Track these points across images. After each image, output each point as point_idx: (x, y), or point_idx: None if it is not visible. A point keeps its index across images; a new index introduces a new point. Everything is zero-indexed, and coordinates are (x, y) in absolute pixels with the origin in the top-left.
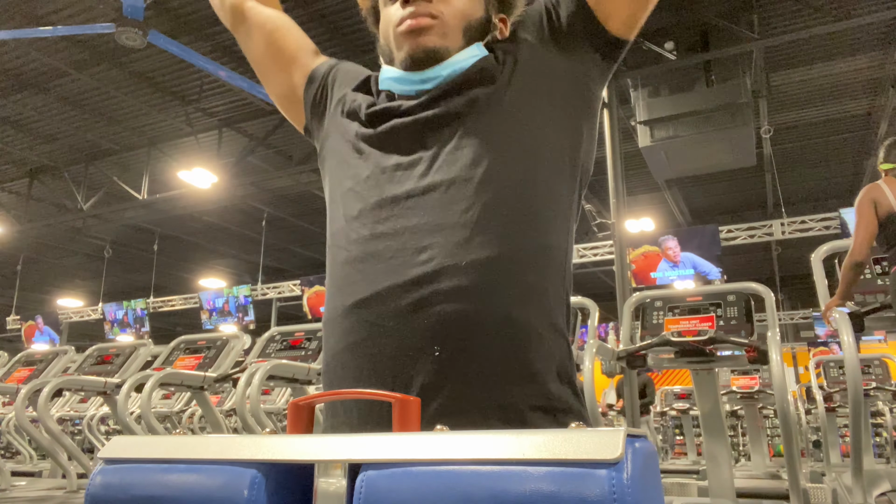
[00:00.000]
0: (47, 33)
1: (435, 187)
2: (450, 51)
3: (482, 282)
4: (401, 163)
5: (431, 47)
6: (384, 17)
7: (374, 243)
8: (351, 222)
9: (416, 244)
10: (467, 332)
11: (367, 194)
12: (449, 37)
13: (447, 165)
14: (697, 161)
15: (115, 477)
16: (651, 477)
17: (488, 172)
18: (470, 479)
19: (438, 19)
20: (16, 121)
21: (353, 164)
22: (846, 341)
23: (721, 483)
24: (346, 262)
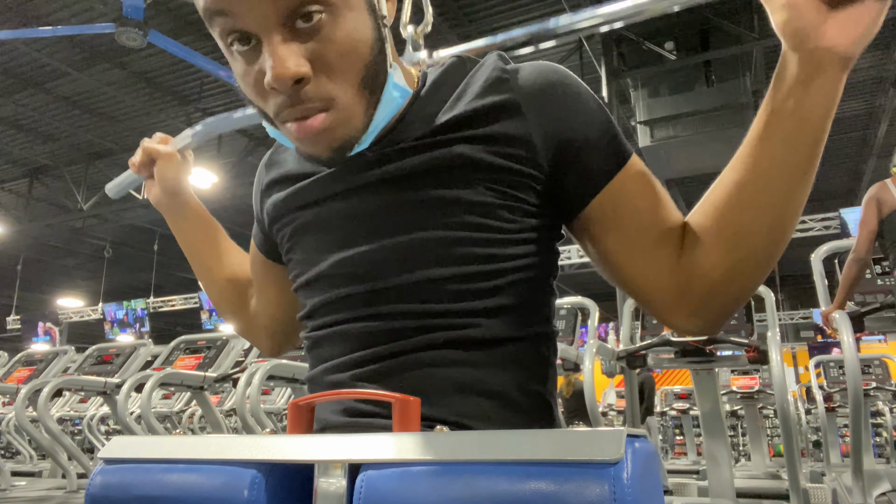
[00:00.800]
0: (47, 33)
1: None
2: (360, 130)
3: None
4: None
5: (338, 146)
6: (236, 69)
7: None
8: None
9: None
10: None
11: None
12: (353, 115)
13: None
14: (697, 161)
15: (115, 477)
16: (651, 477)
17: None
18: (470, 480)
19: (333, 107)
20: (16, 121)
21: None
22: (846, 341)
23: (721, 483)
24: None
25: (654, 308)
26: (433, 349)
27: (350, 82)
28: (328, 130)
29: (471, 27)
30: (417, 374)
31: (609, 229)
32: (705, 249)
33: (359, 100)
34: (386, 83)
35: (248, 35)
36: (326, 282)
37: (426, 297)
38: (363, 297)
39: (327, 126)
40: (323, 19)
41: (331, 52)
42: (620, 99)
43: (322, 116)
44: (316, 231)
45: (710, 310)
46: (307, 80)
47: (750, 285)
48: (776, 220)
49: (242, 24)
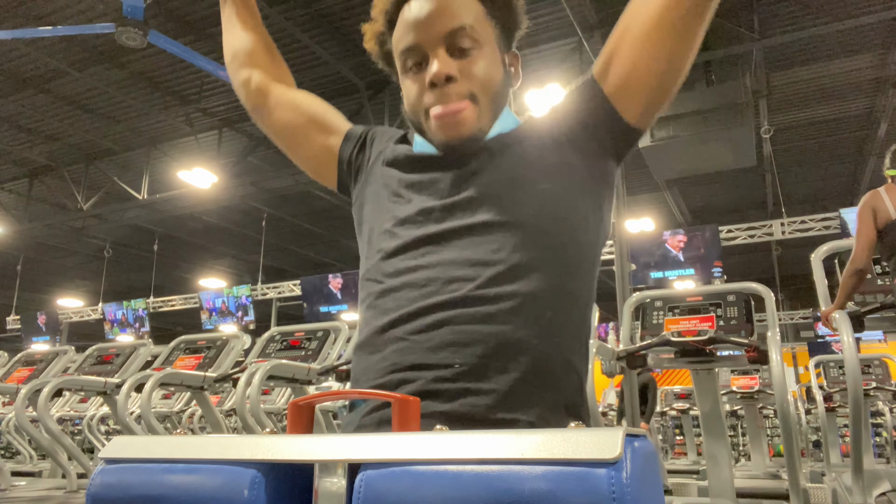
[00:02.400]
0: (47, 33)
1: (469, 228)
2: (485, 130)
3: (506, 311)
4: (437, 206)
5: (468, 136)
6: (406, 88)
7: (408, 275)
8: (387, 258)
9: (449, 274)
10: (487, 352)
11: (406, 234)
12: (482, 117)
13: (482, 211)
14: (697, 161)
15: (115, 477)
16: (650, 476)
17: (520, 220)
18: (469, 479)
19: (469, 101)
20: (16, 121)
21: (391, 208)
22: (846, 341)
23: (721, 483)
24: (381, 293)
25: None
26: (486, 303)
27: (485, 89)
28: (464, 117)
29: None
30: (466, 328)
31: (626, 71)
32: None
33: (488, 108)
34: (505, 108)
35: (425, 57)
36: (411, 223)
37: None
38: (438, 236)
39: (465, 113)
40: (473, 52)
41: (474, 69)
42: None
43: (462, 104)
44: (418, 190)
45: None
46: (455, 80)
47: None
48: None
49: (425, 48)
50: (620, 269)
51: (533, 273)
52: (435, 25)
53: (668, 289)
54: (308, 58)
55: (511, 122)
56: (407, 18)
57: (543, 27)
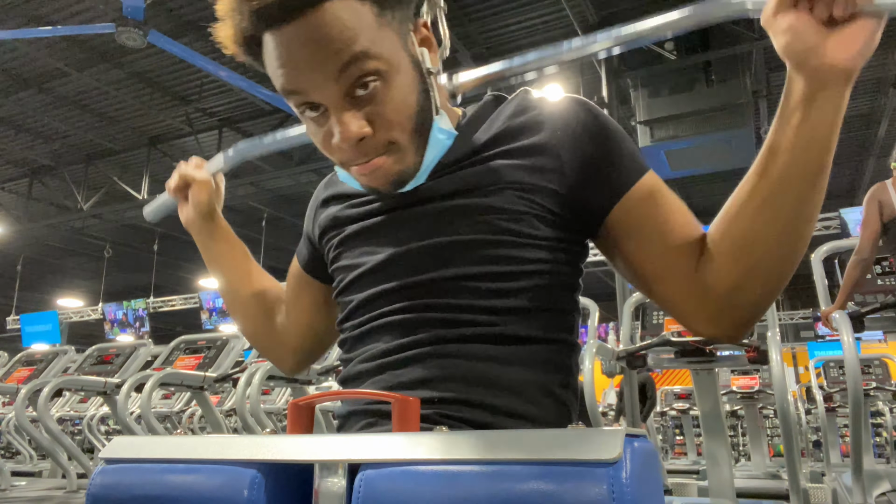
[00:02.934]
0: (47, 33)
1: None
2: (414, 167)
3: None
4: (388, 257)
5: (395, 180)
6: (307, 128)
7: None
8: (353, 312)
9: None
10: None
11: (363, 286)
12: (408, 156)
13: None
14: (697, 161)
15: (115, 477)
16: (650, 476)
17: (466, 240)
18: (469, 479)
19: (390, 153)
20: (16, 121)
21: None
22: (846, 341)
23: (721, 483)
24: (353, 340)
25: (677, 315)
26: (460, 342)
27: (404, 130)
28: (387, 167)
29: (471, 27)
30: (442, 361)
31: (630, 237)
32: (719, 257)
33: (412, 143)
34: (433, 127)
35: (317, 105)
36: (367, 279)
37: (458, 292)
38: (400, 291)
39: (387, 164)
40: (377, 86)
41: (386, 111)
42: (620, 99)
43: (382, 158)
44: (365, 238)
45: (727, 317)
46: (368, 137)
47: (763, 293)
48: (786, 229)
49: (313, 97)
50: None
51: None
52: (321, 64)
53: None
54: None
55: (443, 141)
56: (278, 51)
57: (543, 27)
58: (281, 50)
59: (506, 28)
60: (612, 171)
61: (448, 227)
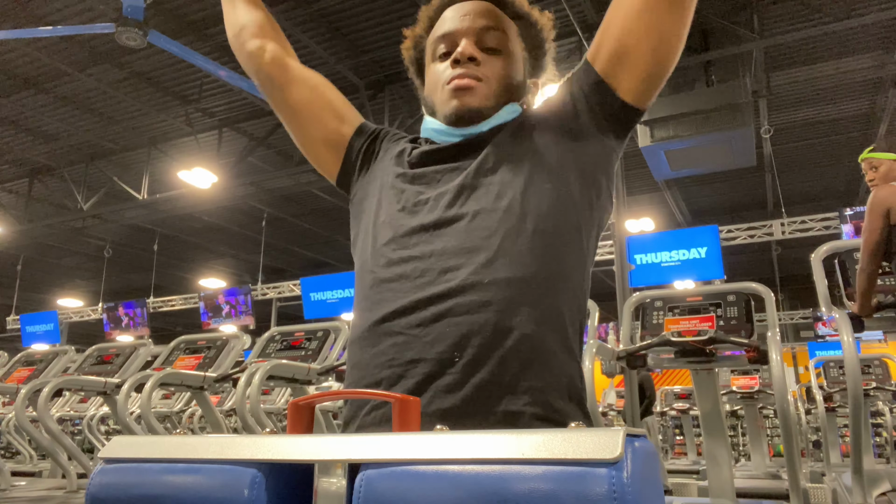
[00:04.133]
0: (47, 33)
1: (462, 217)
2: (490, 110)
3: (502, 298)
4: (431, 196)
5: (475, 107)
6: (431, 73)
7: (402, 266)
8: (381, 249)
9: (443, 264)
10: (486, 342)
11: (399, 224)
12: (491, 98)
13: (474, 199)
14: (697, 161)
15: (115, 477)
16: (651, 476)
17: (511, 205)
18: (469, 479)
19: (484, 82)
20: (16, 121)
21: (388, 201)
22: (846, 341)
23: (721, 483)
24: (375, 283)
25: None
26: (482, 289)
27: (499, 83)
28: (474, 91)
29: None
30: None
31: (617, 63)
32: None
33: (498, 95)
34: (511, 101)
35: (455, 45)
36: (406, 213)
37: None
38: (433, 228)
39: (476, 88)
40: (499, 52)
41: (495, 65)
42: None
43: (475, 81)
44: (415, 182)
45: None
46: (477, 63)
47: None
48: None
49: (460, 36)
50: (620, 269)
51: (525, 258)
52: (471, 20)
53: (668, 289)
54: (308, 58)
55: (514, 111)
56: (447, 13)
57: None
58: (456, 7)
59: None
60: (578, 75)
61: (502, 187)
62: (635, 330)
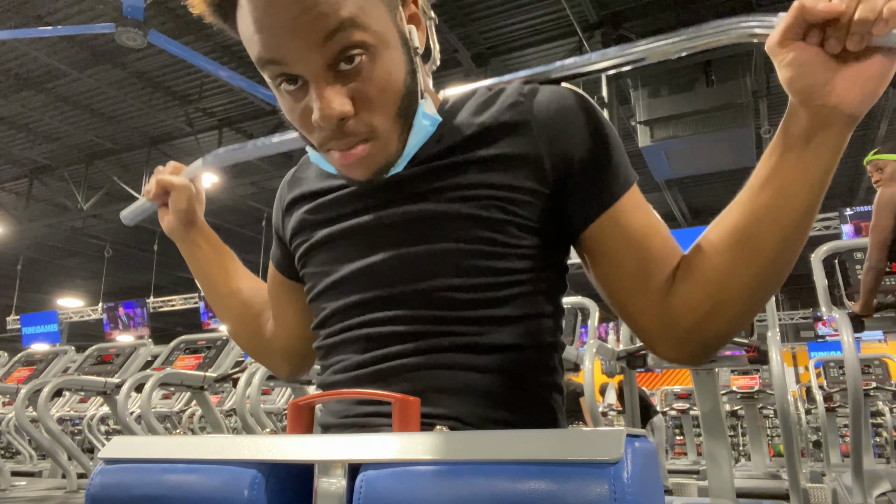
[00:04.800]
0: (47, 33)
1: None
2: (396, 155)
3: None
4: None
5: (378, 170)
6: (283, 105)
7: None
8: (325, 321)
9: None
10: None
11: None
12: (390, 143)
13: (391, 246)
14: (697, 161)
15: (115, 477)
16: (651, 476)
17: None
18: (469, 479)
19: (375, 137)
20: (16, 121)
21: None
22: (846, 341)
23: (721, 483)
24: (327, 349)
25: (641, 335)
26: (438, 352)
27: (387, 113)
28: (369, 157)
29: (471, 27)
30: (421, 374)
31: (605, 255)
32: (694, 286)
33: (395, 128)
34: (417, 111)
35: (296, 77)
36: (341, 289)
37: (436, 303)
38: (375, 302)
39: (368, 153)
40: (363, 60)
41: (370, 90)
42: (620, 99)
43: (363, 146)
44: (334, 244)
45: (692, 343)
46: (350, 117)
47: (732, 326)
48: (764, 271)
49: (292, 69)
50: None
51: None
52: (303, 30)
53: None
54: None
55: (427, 127)
56: (256, 14)
57: (543, 27)
58: (259, 13)
59: (506, 28)
60: (598, 182)
61: (421, 235)
62: None
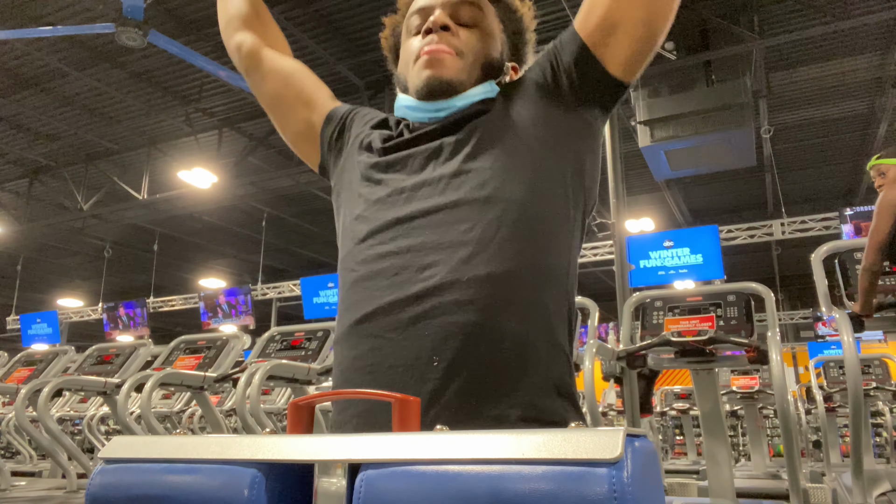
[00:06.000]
0: (47, 33)
1: (440, 208)
2: (464, 84)
3: (482, 296)
4: (407, 186)
5: (447, 79)
6: (405, 49)
7: (379, 262)
8: (359, 245)
9: (420, 261)
10: (466, 344)
11: (375, 217)
12: (464, 71)
13: (452, 188)
14: (697, 161)
15: (115, 477)
16: (651, 476)
17: (491, 195)
18: (470, 479)
19: (457, 53)
20: (16, 121)
21: (363, 193)
22: (846, 341)
23: (721, 483)
24: (354, 282)
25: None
26: (461, 289)
27: (474, 56)
28: (445, 61)
29: None
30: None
31: (607, 36)
32: None
33: (475, 69)
34: (487, 79)
35: (427, 29)
36: (382, 205)
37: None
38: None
39: (447, 57)
40: (475, 28)
41: (471, 37)
42: None
43: (448, 52)
44: (390, 170)
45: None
46: (451, 32)
47: None
48: None
49: (431, 9)
50: (620, 269)
51: (507, 251)
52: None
53: (668, 289)
54: (308, 58)
55: (491, 90)
56: None
57: (543, 27)
58: None
59: None
60: (561, 41)
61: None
62: (635, 330)
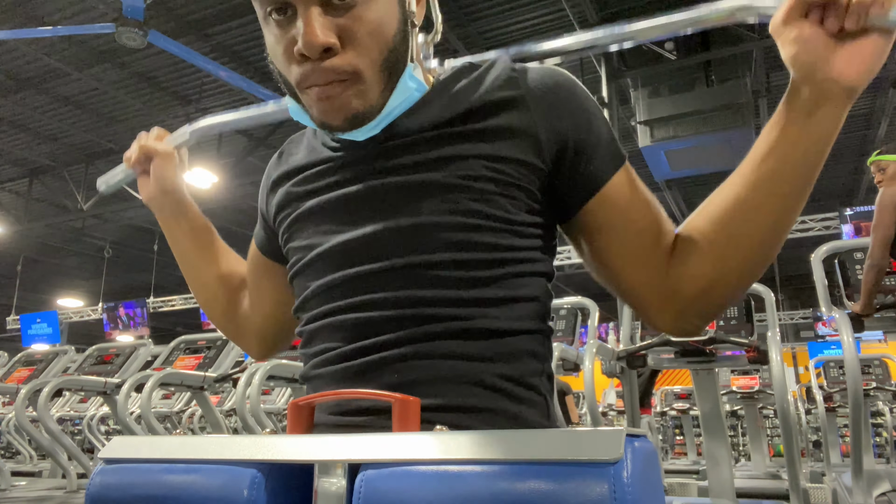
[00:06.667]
0: (47, 33)
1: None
2: (377, 108)
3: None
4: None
5: (352, 115)
6: (268, 42)
7: (326, 319)
8: (306, 303)
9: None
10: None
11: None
12: (371, 91)
13: (372, 223)
14: (697, 161)
15: (115, 477)
16: (651, 476)
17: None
18: (469, 479)
19: (353, 79)
20: (16, 121)
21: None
22: (846, 341)
23: (721, 483)
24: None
25: (640, 308)
26: (427, 340)
27: (373, 61)
28: (347, 99)
29: (471, 27)
30: (410, 364)
31: (603, 230)
32: (697, 256)
33: (378, 79)
34: (404, 72)
35: (286, 6)
36: (325, 263)
37: (425, 282)
38: (360, 281)
39: (346, 95)
40: (355, 4)
41: (359, 30)
42: (620, 99)
43: (343, 86)
44: (320, 216)
45: (694, 313)
46: (334, 52)
47: (735, 293)
48: (767, 235)
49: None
50: None
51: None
52: None
53: None
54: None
55: (412, 90)
56: None
57: (543, 27)
58: None
59: (506, 28)
60: (593, 158)
61: (412, 206)
62: (635, 330)
